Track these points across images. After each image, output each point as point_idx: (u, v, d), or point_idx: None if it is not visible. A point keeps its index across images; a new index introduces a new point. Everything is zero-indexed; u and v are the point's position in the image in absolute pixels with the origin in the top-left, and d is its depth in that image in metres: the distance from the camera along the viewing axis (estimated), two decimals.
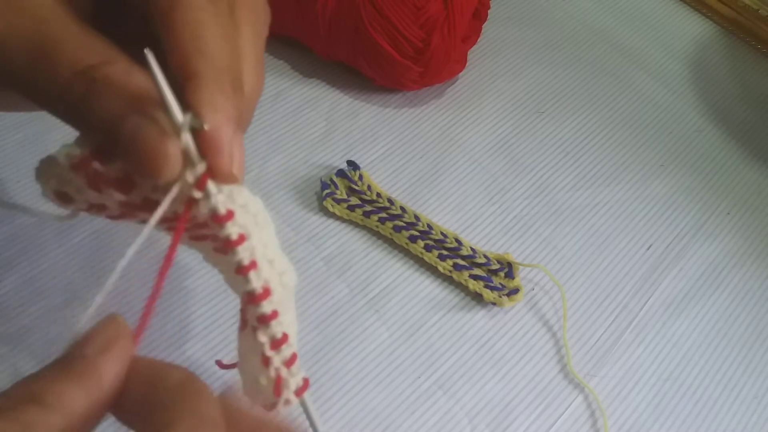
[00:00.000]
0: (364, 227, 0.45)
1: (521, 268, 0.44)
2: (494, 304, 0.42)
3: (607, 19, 0.62)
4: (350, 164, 0.47)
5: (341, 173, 0.46)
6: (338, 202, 0.45)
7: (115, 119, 0.20)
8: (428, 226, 0.44)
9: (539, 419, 0.39)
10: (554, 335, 0.42)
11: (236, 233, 0.21)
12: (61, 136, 0.43)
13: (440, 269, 0.43)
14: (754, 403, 0.42)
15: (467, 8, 0.49)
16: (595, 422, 0.40)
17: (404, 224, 0.44)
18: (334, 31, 0.49)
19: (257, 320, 0.22)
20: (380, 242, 0.45)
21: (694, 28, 0.63)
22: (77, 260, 0.41)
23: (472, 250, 0.44)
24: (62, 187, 0.23)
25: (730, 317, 0.45)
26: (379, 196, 0.45)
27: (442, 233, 0.44)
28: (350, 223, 0.45)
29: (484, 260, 0.43)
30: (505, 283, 0.43)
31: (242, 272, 0.21)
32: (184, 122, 0.20)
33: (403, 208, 0.45)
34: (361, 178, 0.46)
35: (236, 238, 0.21)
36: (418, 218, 0.45)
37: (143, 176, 0.21)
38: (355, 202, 0.45)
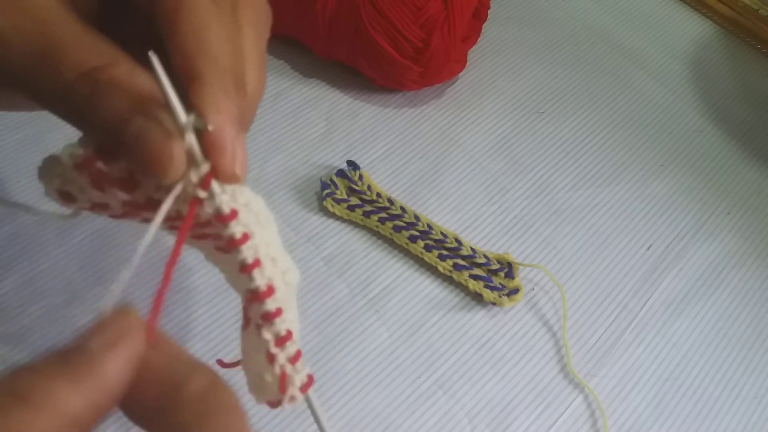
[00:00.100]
0: (364, 227, 0.45)
1: (521, 268, 0.44)
2: (494, 304, 0.42)
3: (607, 19, 0.62)
4: (350, 164, 0.47)
5: (341, 173, 0.46)
6: (338, 202, 0.45)
7: (119, 120, 0.20)
8: (428, 226, 0.44)
9: (539, 419, 0.39)
10: (554, 335, 0.42)
11: (240, 232, 0.21)
12: (61, 135, 0.43)
13: (440, 269, 0.43)
14: (754, 403, 0.42)
15: (467, 8, 0.49)
16: (595, 422, 0.40)
17: (404, 224, 0.44)
18: (334, 31, 0.49)
19: (261, 318, 0.22)
20: (380, 242, 0.45)
21: (694, 28, 0.63)
22: (78, 260, 0.41)
23: (472, 250, 0.44)
24: (65, 186, 0.23)
25: (730, 317, 0.45)
26: (379, 196, 0.45)
27: (442, 233, 0.44)
28: (350, 223, 0.45)
29: (484, 260, 0.43)
30: (505, 283, 0.43)
31: (246, 270, 0.21)
32: (187, 123, 0.20)
33: (403, 208, 0.45)
34: (361, 178, 0.46)
35: (240, 237, 0.21)
36: (418, 218, 0.45)
37: (147, 176, 0.21)
38: (355, 202, 0.45)
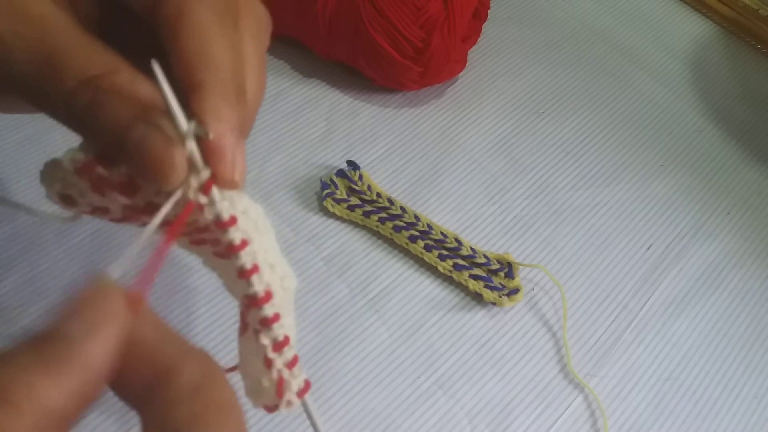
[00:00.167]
0: (364, 227, 0.45)
1: (521, 268, 0.44)
2: (494, 304, 0.42)
3: (607, 19, 0.62)
4: (350, 164, 0.47)
5: (341, 173, 0.46)
6: (338, 202, 0.45)
7: (120, 128, 0.20)
8: (428, 226, 0.44)
9: (539, 419, 0.39)
10: (554, 335, 0.42)
11: (239, 238, 0.21)
12: (61, 136, 0.43)
13: (440, 269, 0.43)
14: (754, 403, 0.42)
15: (467, 8, 0.49)
16: (595, 422, 0.40)
17: (404, 224, 0.44)
18: (334, 31, 0.49)
19: (259, 323, 0.22)
20: (380, 242, 0.45)
21: (694, 28, 0.63)
22: (78, 260, 0.41)
23: (472, 250, 0.44)
24: (66, 190, 0.23)
25: (730, 317, 0.45)
26: (379, 196, 0.45)
27: (442, 233, 0.44)
28: (350, 223, 0.45)
29: (484, 260, 0.43)
30: (505, 283, 0.43)
31: (245, 276, 0.22)
32: (189, 131, 0.20)
33: (403, 208, 0.45)
34: (361, 178, 0.46)
35: (239, 243, 0.21)
36: (418, 218, 0.45)
37: (148, 182, 0.21)
38: (355, 202, 0.45)
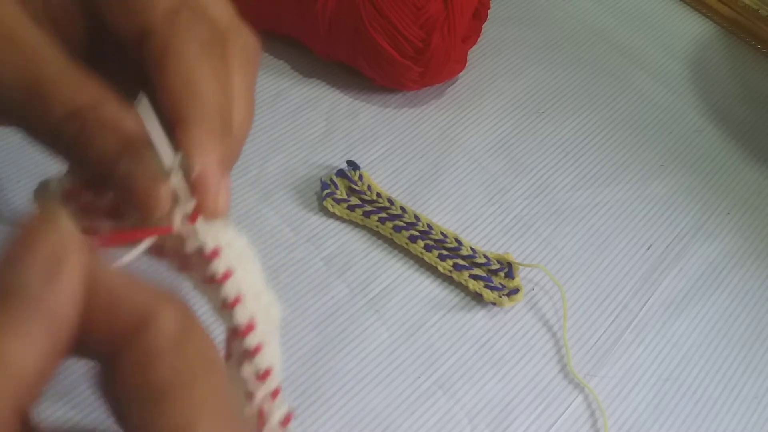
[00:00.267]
0: (364, 227, 0.45)
1: (521, 268, 0.44)
2: (494, 304, 0.42)
3: (607, 19, 0.62)
4: (350, 164, 0.47)
5: (341, 173, 0.46)
6: (338, 202, 0.45)
7: (106, 161, 0.21)
8: (428, 226, 0.44)
9: (539, 419, 0.39)
10: (554, 335, 0.42)
11: (222, 270, 0.22)
12: None
13: (440, 269, 0.43)
14: (754, 403, 0.42)
15: (467, 8, 0.49)
16: (595, 422, 0.40)
17: (404, 224, 0.44)
18: (334, 31, 0.49)
19: (242, 354, 0.22)
20: (380, 242, 0.45)
21: (694, 28, 0.63)
22: None
23: (472, 250, 0.44)
24: None
25: (730, 317, 0.45)
26: (379, 196, 0.45)
27: (442, 233, 0.44)
28: (350, 223, 0.45)
29: (484, 260, 0.43)
30: (505, 283, 0.43)
31: (227, 307, 0.22)
32: (174, 166, 0.21)
33: (403, 208, 0.45)
34: (361, 178, 0.46)
35: (222, 274, 0.22)
36: (418, 218, 0.45)
37: (134, 212, 0.22)
38: (355, 202, 0.45)
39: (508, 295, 0.42)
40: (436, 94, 0.53)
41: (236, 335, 0.22)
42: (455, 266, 0.43)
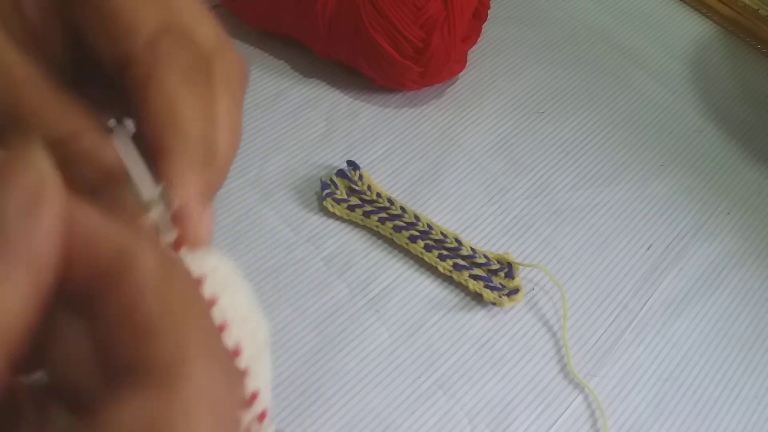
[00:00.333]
0: (364, 227, 0.45)
1: (521, 268, 0.44)
2: (494, 304, 0.42)
3: (607, 19, 0.62)
4: (350, 164, 0.47)
5: (341, 173, 0.46)
6: (338, 202, 0.45)
7: (87, 193, 0.21)
8: (428, 226, 0.44)
9: (539, 419, 0.39)
10: (554, 335, 0.42)
11: (207, 297, 0.22)
12: None
13: (440, 269, 0.43)
14: (754, 403, 0.42)
15: (467, 8, 0.49)
16: (595, 422, 0.40)
17: (404, 224, 0.44)
18: (334, 31, 0.49)
19: None
20: (380, 242, 0.45)
21: (694, 28, 0.63)
22: None
23: (472, 250, 0.44)
24: None
25: (730, 317, 0.45)
26: (379, 196, 0.45)
27: (442, 233, 0.44)
28: (350, 223, 0.45)
29: (484, 260, 0.43)
30: (505, 283, 0.43)
31: None
32: (154, 198, 0.21)
33: (403, 208, 0.45)
34: (361, 178, 0.46)
35: (207, 301, 0.22)
36: (418, 218, 0.45)
37: None
38: (355, 202, 0.45)
39: (508, 295, 0.42)
40: (436, 94, 0.53)
41: None
42: (455, 266, 0.43)
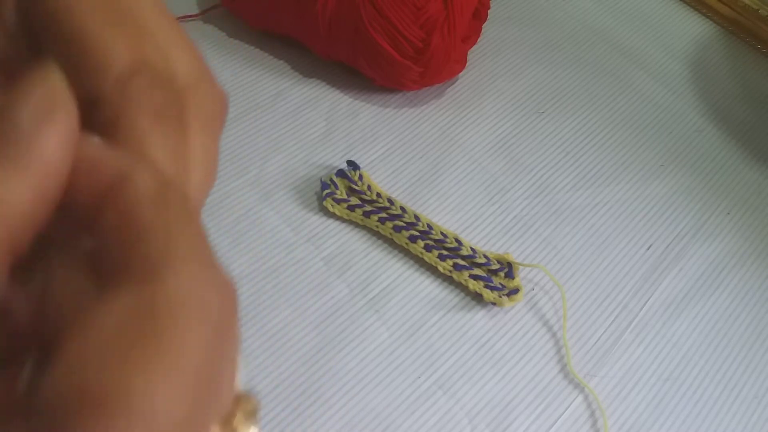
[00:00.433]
0: (364, 227, 0.45)
1: (521, 268, 0.44)
2: (494, 304, 0.42)
3: (607, 19, 0.62)
4: (350, 164, 0.47)
5: (341, 173, 0.46)
6: (338, 202, 0.45)
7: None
8: (428, 226, 0.44)
9: (539, 419, 0.39)
10: (554, 335, 0.42)
11: None
12: None
13: (440, 269, 0.43)
14: (754, 403, 0.42)
15: (467, 8, 0.49)
16: (595, 422, 0.40)
17: (404, 224, 0.44)
18: (334, 31, 0.49)
19: None
20: (380, 242, 0.45)
21: (694, 28, 0.63)
22: None
23: (472, 250, 0.44)
24: None
25: (730, 317, 0.45)
26: (379, 196, 0.45)
27: (442, 233, 0.44)
28: (350, 223, 0.45)
29: (484, 260, 0.43)
30: (505, 283, 0.43)
31: None
32: None
33: (403, 208, 0.45)
34: (361, 178, 0.46)
35: None
36: (418, 218, 0.45)
37: None
38: (355, 202, 0.45)
39: (508, 295, 0.42)
40: (436, 94, 0.53)
41: None
42: (455, 266, 0.43)
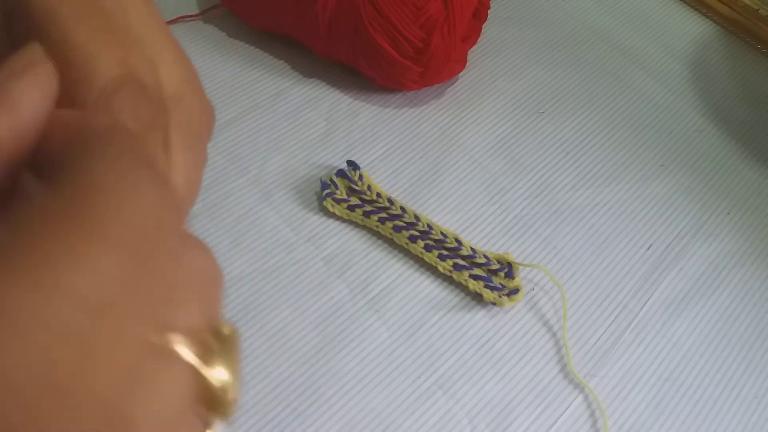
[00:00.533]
0: (364, 227, 0.45)
1: (521, 268, 0.44)
2: (494, 304, 0.42)
3: (607, 19, 0.62)
4: (350, 164, 0.47)
5: (341, 173, 0.46)
6: (338, 202, 0.45)
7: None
8: (428, 226, 0.44)
9: (539, 419, 0.39)
10: (554, 335, 0.42)
11: None
12: None
13: (440, 269, 0.43)
14: (754, 403, 0.42)
15: (467, 8, 0.49)
16: (595, 422, 0.40)
17: (404, 224, 0.44)
18: (334, 31, 0.49)
19: None
20: (380, 242, 0.45)
21: (694, 28, 0.63)
22: None
23: (472, 250, 0.44)
24: None
25: (730, 317, 0.45)
26: (379, 196, 0.45)
27: (442, 233, 0.44)
28: (350, 223, 0.45)
29: (484, 260, 0.43)
30: (505, 283, 0.43)
31: None
32: None
33: (403, 208, 0.45)
34: (361, 178, 0.46)
35: None
36: (418, 218, 0.45)
37: None
38: (355, 202, 0.45)
39: (508, 295, 0.42)
40: (436, 94, 0.53)
41: None
42: (455, 266, 0.43)
